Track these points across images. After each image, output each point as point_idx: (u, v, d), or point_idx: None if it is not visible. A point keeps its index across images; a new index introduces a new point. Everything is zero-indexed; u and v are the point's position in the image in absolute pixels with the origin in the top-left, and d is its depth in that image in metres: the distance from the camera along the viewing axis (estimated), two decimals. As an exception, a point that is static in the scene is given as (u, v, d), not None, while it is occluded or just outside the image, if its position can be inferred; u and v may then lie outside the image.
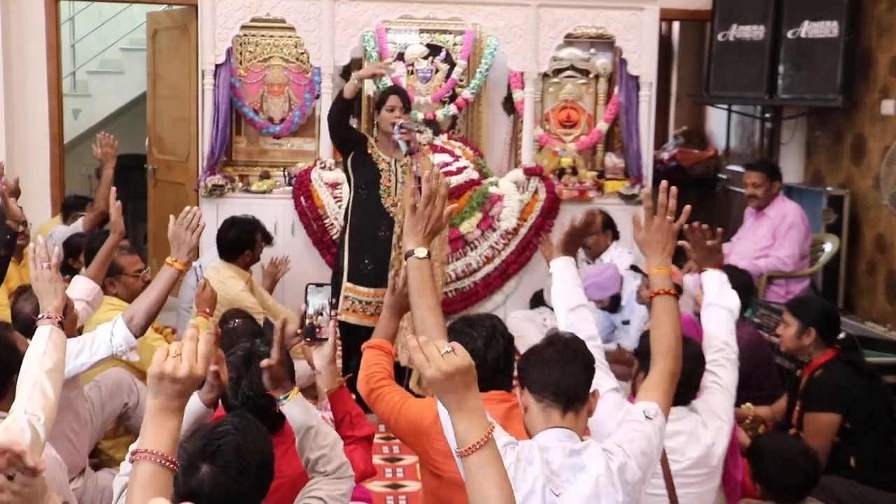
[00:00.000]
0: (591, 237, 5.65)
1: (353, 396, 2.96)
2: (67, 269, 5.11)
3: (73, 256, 5.11)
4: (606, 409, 2.50)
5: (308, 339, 2.69)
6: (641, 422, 2.30)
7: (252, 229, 5.10)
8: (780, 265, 5.47)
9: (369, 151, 4.87)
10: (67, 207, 6.03)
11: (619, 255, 5.57)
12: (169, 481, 1.73)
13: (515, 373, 2.37)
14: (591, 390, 2.29)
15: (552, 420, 2.22)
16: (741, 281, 4.04)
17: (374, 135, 5.03)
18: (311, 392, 3.40)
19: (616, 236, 5.71)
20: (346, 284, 4.82)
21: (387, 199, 4.79)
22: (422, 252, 2.32)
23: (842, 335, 3.81)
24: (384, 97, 4.91)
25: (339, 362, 4.53)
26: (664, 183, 2.62)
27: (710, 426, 2.80)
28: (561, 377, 2.24)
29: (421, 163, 4.70)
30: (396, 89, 5.09)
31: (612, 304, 5.30)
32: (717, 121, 8.25)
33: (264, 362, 2.38)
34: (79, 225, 5.36)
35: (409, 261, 2.32)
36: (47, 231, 5.79)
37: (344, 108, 4.83)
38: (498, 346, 2.73)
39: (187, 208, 3.18)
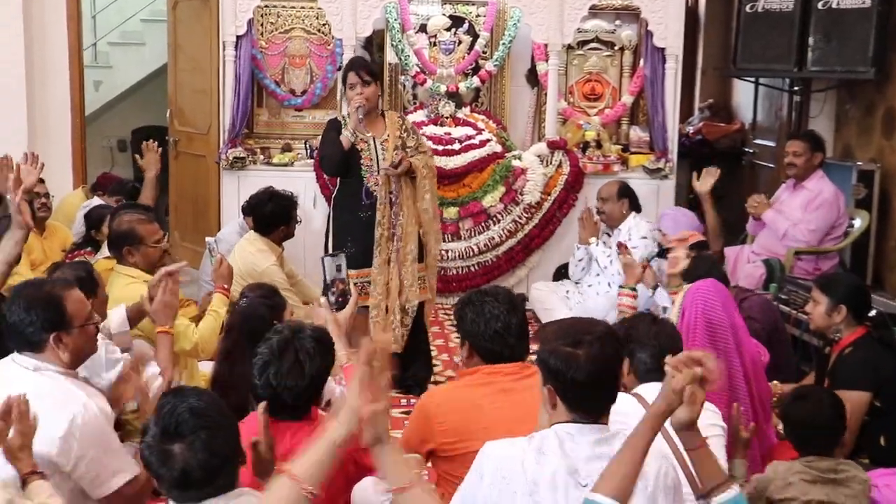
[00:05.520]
0: (607, 205, 5.59)
1: None
2: (90, 241, 5.13)
3: (96, 228, 5.11)
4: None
5: (338, 308, 2.88)
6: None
7: (289, 204, 5.14)
8: (801, 237, 5.30)
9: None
10: (102, 188, 6.05)
11: (636, 226, 5.49)
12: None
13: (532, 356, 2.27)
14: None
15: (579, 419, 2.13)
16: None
17: (346, 114, 4.83)
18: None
19: (637, 208, 5.62)
20: None
21: (369, 178, 4.54)
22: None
23: (873, 312, 3.73)
24: (344, 75, 4.59)
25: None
26: None
27: None
28: (595, 404, 2.12)
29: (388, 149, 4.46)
30: (352, 64, 4.66)
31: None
32: (743, 94, 8.12)
33: (254, 439, 2.26)
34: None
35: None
36: (71, 204, 5.78)
37: (344, 158, 4.52)
38: (518, 312, 2.77)
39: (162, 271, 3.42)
